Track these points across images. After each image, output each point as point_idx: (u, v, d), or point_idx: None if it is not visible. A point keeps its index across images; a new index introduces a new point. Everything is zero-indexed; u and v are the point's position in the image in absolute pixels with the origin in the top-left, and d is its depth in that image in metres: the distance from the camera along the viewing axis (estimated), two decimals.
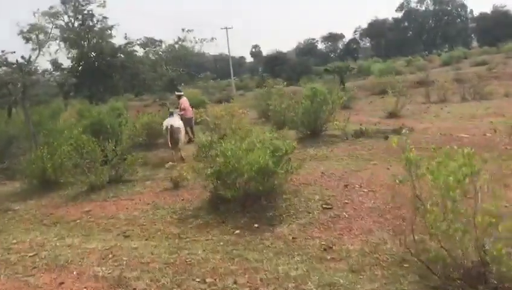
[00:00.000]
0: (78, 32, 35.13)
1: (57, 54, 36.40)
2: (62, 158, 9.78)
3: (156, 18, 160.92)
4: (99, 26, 36.32)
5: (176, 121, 12.38)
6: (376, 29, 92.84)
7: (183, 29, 39.07)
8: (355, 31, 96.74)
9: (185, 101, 15.54)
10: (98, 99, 33.92)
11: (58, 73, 34.48)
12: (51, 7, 33.09)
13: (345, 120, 12.54)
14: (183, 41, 38.14)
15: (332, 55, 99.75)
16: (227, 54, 63.18)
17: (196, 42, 38.58)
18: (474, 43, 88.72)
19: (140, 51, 37.43)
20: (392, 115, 16.87)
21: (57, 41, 35.11)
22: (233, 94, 42.56)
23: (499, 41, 62.14)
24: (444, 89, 21.64)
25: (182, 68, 37.28)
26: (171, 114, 12.79)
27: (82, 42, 35.37)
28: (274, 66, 59.33)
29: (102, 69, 33.96)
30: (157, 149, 14.18)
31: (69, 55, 36.76)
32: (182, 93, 16.54)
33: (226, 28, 57.80)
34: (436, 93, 22.21)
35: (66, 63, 37.82)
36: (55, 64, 35.97)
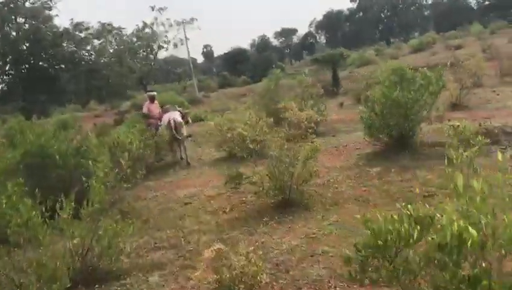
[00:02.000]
0: None
1: None
2: None
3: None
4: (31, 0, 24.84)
5: (177, 115, 11.29)
6: (332, 21, 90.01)
7: (152, 8, 29.44)
8: (310, 24, 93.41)
9: (154, 107, 12.47)
10: (39, 112, 24.96)
11: None
12: None
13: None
14: (152, 24, 28.48)
15: (287, 51, 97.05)
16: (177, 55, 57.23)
17: (171, 25, 29.68)
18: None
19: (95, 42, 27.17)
20: (457, 107, 12.45)
21: None
22: (197, 95, 37.48)
23: (455, 27, 61.21)
24: (479, 70, 17.45)
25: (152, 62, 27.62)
26: (167, 111, 11.86)
27: (6, 26, 24.70)
28: (235, 64, 54.48)
29: (41, 66, 24.28)
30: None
31: None
32: (155, 93, 13.24)
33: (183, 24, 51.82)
34: (467, 76, 17.99)
35: None
36: None
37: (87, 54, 23.40)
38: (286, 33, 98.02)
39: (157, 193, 8.64)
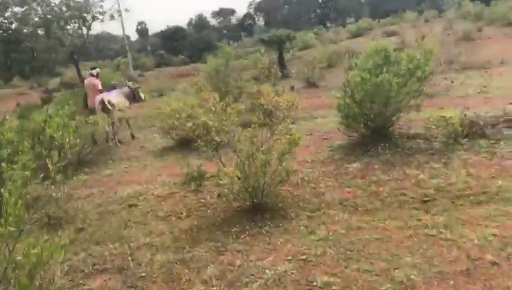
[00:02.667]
0: None
1: None
2: None
3: None
4: None
5: (113, 95, 10.53)
6: (270, 3, 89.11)
7: None
8: (249, 5, 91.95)
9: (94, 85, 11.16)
10: None
11: None
12: None
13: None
14: None
15: (225, 31, 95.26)
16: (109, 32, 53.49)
17: None
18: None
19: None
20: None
21: None
22: (131, 74, 35.12)
23: (389, 14, 62.97)
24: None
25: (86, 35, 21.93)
26: (114, 87, 11.23)
27: None
28: (172, 43, 52.16)
29: None
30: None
31: None
32: (98, 71, 11.76)
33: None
34: None
35: None
36: None
37: (6, 21, 20.02)
38: (224, 13, 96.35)
39: (94, 190, 7.18)
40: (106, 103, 10.04)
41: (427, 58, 6.47)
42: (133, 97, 11.46)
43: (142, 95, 11.62)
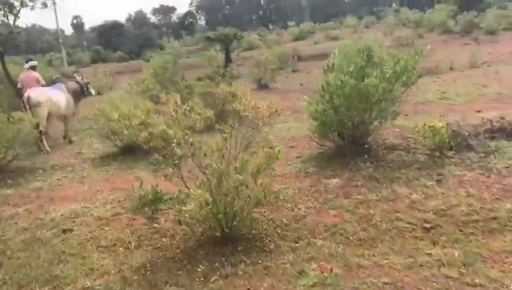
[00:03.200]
0: None
1: None
2: None
3: None
4: None
5: (35, 92, 9.12)
6: (212, 3, 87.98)
7: None
8: (190, 3, 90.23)
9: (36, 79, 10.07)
10: None
11: None
12: None
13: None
14: None
15: (165, 29, 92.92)
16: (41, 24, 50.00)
17: None
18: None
19: None
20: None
21: None
22: (66, 70, 32.74)
23: (330, 18, 65.02)
24: None
25: None
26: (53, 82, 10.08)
27: None
28: (110, 38, 49.68)
29: None
30: None
31: None
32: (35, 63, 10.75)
33: None
34: None
35: None
36: None
37: None
38: (164, 10, 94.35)
39: (19, 209, 5.85)
40: (25, 99, 8.88)
41: (416, 60, 5.71)
42: (82, 93, 10.32)
43: (92, 91, 10.59)
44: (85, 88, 10.39)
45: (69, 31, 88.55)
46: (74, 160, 8.22)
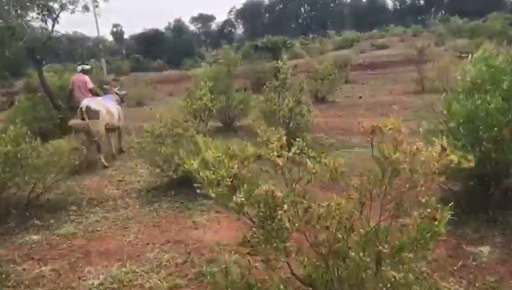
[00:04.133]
0: None
1: None
2: None
3: None
4: None
5: (93, 102, 8.45)
6: (251, 11, 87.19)
7: None
8: (230, 11, 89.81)
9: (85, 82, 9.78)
10: None
11: None
12: None
13: None
14: None
15: (203, 37, 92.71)
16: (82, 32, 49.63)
17: None
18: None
19: None
20: None
21: None
22: (105, 78, 32.03)
23: (373, 27, 63.97)
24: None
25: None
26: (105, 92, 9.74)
27: None
28: (150, 46, 49.22)
29: None
30: None
31: None
32: (80, 68, 10.16)
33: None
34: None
35: None
36: None
37: None
38: (203, 19, 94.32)
39: (45, 268, 4.39)
40: (84, 110, 8.13)
41: None
42: (120, 105, 9.70)
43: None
44: (123, 100, 9.92)
45: (109, 39, 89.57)
46: (116, 191, 6.78)
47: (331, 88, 14.72)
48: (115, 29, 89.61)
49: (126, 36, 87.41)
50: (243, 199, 2.41)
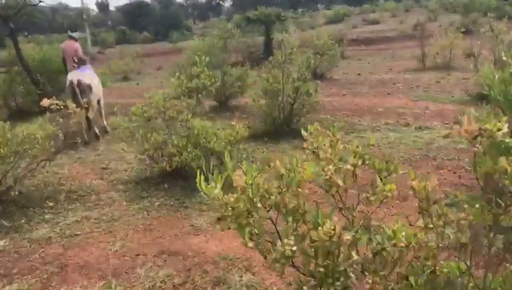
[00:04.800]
0: None
1: None
2: None
3: None
4: None
5: (86, 76, 7.93)
6: None
7: None
8: None
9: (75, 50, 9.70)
10: None
11: None
12: None
13: None
14: None
15: (190, 10, 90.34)
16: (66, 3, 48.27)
17: None
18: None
19: None
20: None
21: None
22: (89, 51, 30.66)
23: (365, 1, 61.47)
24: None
25: None
26: (81, 62, 8.50)
27: None
28: (136, 18, 47.53)
29: None
30: None
31: None
32: (73, 36, 10.35)
33: None
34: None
35: None
36: None
37: None
38: None
39: (10, 287, 3.55)
40: (75, 84, 7.55)
41: None
42: None
43: None
44: None
45: (93, 11, 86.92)
46: (99, 181, 5.90)
47: (332, 64, 13.82)
48: (99, 0, 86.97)
49: (111, 8, 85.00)
50: (293, 247, 1.57)
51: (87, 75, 8.02)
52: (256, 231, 1.73)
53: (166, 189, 5.31)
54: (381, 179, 1.83)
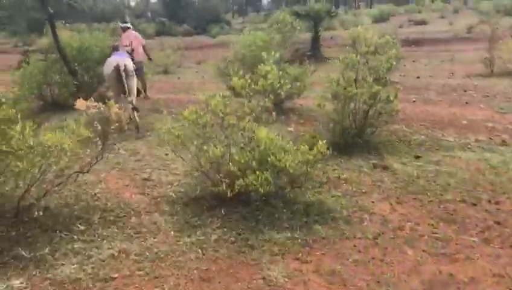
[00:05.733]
0: None
1: None
2: None
3: None
4: None
5: (127, 60, 7.69)
6: None
7: None
8: None
9: (134, 38, 10.28)
10: None
11: None
12: None
13: None
14: None
15: (230, 3, 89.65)
16: None
17: None
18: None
19: None
20: None
21: None
22: None
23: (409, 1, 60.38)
24: None
25: None
26: (116, 49, 8.18)
27: None
28: (176, 10, 46.88)
29: None
30: None
31: None
32: (130, 25, 10.84)
33: None
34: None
35: None
36: None
37: None
38: None
39: None
40: (122, 68, 7.31)
41: None
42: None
43: None
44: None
45: (133, 0, 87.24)
46: (140, 197, 4.88)
47: (395, 66, 12.52)
48: None
49: None
50: None
51: (130, 61, 7.76)
52: None
53: (224, 216, 4.23)
54: None
